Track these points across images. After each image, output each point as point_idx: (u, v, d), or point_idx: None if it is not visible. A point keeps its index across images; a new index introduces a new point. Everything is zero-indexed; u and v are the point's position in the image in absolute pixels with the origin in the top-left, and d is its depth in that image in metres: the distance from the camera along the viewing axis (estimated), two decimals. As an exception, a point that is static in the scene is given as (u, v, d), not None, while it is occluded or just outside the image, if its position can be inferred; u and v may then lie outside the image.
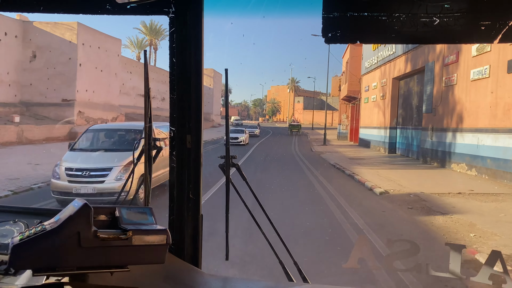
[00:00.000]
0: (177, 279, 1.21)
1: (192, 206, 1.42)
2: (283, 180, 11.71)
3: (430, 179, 12.40)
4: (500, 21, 1.02)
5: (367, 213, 7.89)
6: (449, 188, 10.61)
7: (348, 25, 1.06)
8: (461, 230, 6.80)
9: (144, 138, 1.45)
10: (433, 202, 8.81)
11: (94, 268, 0.91)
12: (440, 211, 8.01)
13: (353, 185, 11.63)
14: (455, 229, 6.86)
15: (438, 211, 8.01)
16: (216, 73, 60.30)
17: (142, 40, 52.47)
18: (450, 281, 4.22)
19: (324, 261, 4.85)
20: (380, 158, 19.23)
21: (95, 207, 0.92)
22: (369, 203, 8.92)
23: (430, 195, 9.55)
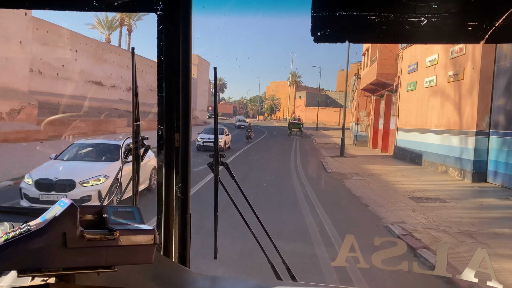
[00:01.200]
0: (165, 278, 1.22)
1: (180, 205, 1.44)
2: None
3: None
4: (487, 22, 1.06)
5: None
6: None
7: (337, 24, 1.09)
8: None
9: (131, 137, 1.45)
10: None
11: (81, 269, 0.93)
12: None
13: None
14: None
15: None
16: (201, 60, 57.51)
17: (112, 20, 45.96)
18: (437, 279, 4.28)
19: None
20: (479, 197, 10.59)
21: (82, 207, 0.95)
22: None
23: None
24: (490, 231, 6.96)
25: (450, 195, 10.05)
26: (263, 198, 9.04)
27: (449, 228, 7.08)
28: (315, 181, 12.21)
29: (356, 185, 11.05)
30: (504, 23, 1.04)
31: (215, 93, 1.81)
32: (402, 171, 14.31)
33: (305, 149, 25.68)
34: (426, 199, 9.49)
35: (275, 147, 27.64)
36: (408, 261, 1.38)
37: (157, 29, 1.37)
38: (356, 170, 14.49)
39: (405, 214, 7.94)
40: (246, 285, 1.34)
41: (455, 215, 8.10)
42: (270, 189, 10.39)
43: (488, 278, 1.31)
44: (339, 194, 10.03)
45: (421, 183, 11.91)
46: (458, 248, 5.95)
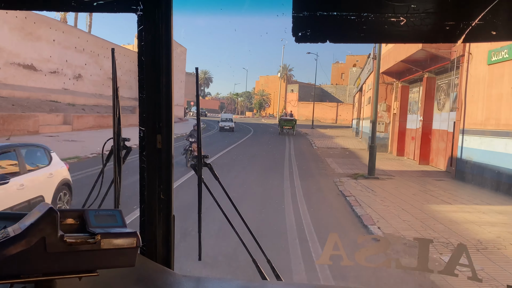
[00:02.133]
0: (148, 281, 1.27)
1: (163, 207, 1.47)
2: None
3: None
4: (464, 21, 1.11)
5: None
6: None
7: (318, 24, 1.12)
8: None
9: (112, 139, 1.49)
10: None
11: (62, 274, 0.95)
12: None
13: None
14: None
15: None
16: (176, 45, 51.33)
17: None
18: (419, 275, 4.41)
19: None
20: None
21: (62, 211, 0.98)
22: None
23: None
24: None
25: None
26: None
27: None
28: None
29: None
30: (480, 23, 1.10)
31: (197, 94, 1.61)
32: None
33: (304, 159, 19.26)
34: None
35: (263, 150, 19.23)
36: (391, 258, 1.46)
37: (137, 29, 1.40)
38: (436, 226, 7.64)
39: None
40: (231, 286, 1.37)
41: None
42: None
43: (469, 273, 1.38)
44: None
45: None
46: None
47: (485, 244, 6.65)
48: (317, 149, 24.09)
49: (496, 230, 7.43)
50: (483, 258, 6.26)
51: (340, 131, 43.27)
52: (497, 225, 7.72)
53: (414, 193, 10.91)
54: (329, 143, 28.17)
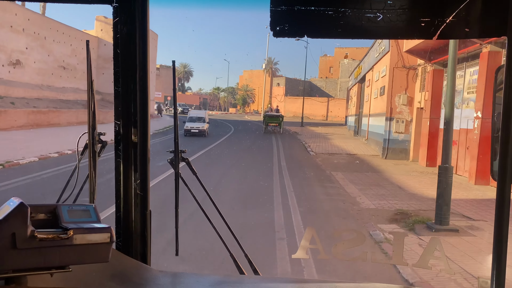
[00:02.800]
0: (124, 277, 1.28)
1: (139, 202, 1.49)
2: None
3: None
4: (438, 18, 1.15)
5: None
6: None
7: (296, 19, 1.15)
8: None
9: (87, 133, 1.50)
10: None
11: (33, 270, 0.95)
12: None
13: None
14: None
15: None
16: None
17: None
18: (395, 267, 4.25)
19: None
20: None
21: (34, 206, 0.99)
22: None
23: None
24: None
25: None
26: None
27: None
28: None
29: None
30: (454, 20, 1.13)
31: (174, 88, 1.58)
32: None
33: (303, 177, 13.37)
34: None
35: (237, 173, 14.66)
36: (367, 252, 1.47)
37: (113, 21, 1.42)
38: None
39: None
40: (208, 281, 1.38)
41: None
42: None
43: (441, 265, 1.44)
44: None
45: None
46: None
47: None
48: (315, 156, 18.45)
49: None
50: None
51: (334, 129, 40.24)
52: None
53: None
54: (328, 147, 22.87)
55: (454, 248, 6.23)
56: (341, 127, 43.17)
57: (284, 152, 20.04)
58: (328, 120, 59.77)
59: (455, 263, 5.44)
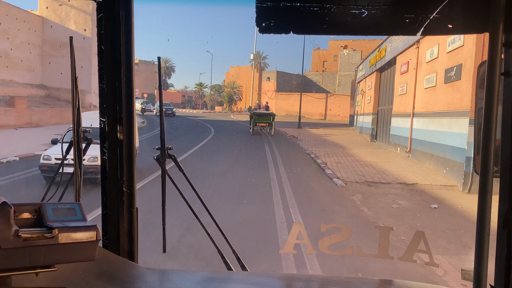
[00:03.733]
0: (111, 275, 1.28)
1: (126, 200, 1.48)
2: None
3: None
4: (422, 14, 1.16)
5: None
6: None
7: (282, 15, 1.16)
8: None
9: (72, 130, 1.45)
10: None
11: (17, 270, 0.95)
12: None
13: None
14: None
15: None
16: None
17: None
18: (380, 262, 4.34)
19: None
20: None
21: (17, 205, 0.99)
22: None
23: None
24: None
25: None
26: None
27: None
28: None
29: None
30: (438, 16, 1.15)
31: (159, 84, 1.55)
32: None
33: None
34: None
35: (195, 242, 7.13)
36: (353, 246, 1.49)
37: (97, 17, 1.40)
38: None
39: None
40: (195, 277, 1.39)
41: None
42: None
43: (426, 258, 1.45)
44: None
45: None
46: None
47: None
48: (347, 191, 10.27)
49: None
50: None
51: (340, 132, 33.15)
52: None
53: None
54: (355, 165, 14.35)
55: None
56: (346, 129, 35.42)
57: (289, 175, 11.84)
58: (327, 120, 51.88)
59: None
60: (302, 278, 1.54)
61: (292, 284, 1.41)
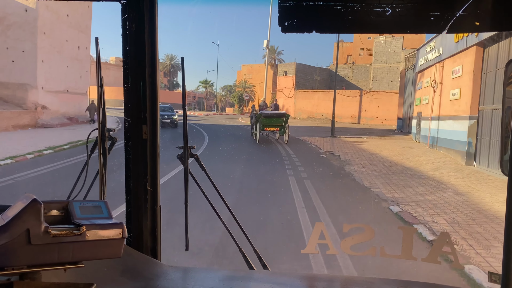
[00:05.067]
0: (135, 272, 1.30)
1: (150, 198, 1.51)
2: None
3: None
4: (448, 12, 1.15)
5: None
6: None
7: (304, 14, 1.16)
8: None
9: (97, 129, 1.52)
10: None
11: (46, 266, 0.97)
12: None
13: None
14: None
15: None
16: (75, 4, 28.39)
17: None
18: (404, 263, 4.12)
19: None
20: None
21: (46, 202, 1.01)
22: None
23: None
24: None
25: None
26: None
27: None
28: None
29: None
30: (464, 14, 1.13)
31: (183, 84, 1.62)
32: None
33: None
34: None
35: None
36: (375, 247, 1.48)
37: (121, 18, 1.43)
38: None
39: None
40: (217, 275, 1.40)
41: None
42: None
43: (451, 260, 1.43)
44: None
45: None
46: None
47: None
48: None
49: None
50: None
51: (397, 143, 21.84)
52: None
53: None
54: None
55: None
56: (400, 138, 24.92)
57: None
58: (361, 124, 39.83)
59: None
60: (324, 278, 1.55)
61: (314, 284, 1.40)
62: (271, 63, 59.28)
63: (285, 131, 19.54)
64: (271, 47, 61.30)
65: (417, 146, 21.19)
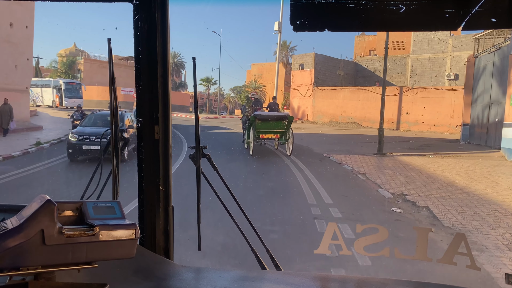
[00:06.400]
0: (148, 272, 1.30)
1: (162, 198, 1.52)
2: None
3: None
4: (463, 8, 1.12)
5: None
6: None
7: (316, 13, 1.14)
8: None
9: (110, 129, 1.53)
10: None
11: (60, 266, 0.98)
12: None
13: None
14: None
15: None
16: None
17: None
18: (418, 264, 4.23)
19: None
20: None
21: (60, 203, 1.02)
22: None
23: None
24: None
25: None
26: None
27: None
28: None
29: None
30: (480, 10, 1.10)
31: (194, 85, 1.62)
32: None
33: None
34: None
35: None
36: (389, 247, 1.46)
37: (133, 19, 1.42)
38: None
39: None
40: (230, 276, 1.39)
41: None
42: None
43: (467, 261, 1.38)
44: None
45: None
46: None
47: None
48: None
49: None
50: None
51: (491, 165, 14.14)
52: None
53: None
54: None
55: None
56: (480, 155, 16.25)
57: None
58: (401, 129, 29.82)
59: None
60: (337, 279, 1.56)
61: (327, 285, 1.40)
62: (283, 60, 51.79)
63: (288, 138, 14.32)
64: (283, 42, 53.26)
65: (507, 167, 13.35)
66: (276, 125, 14.34)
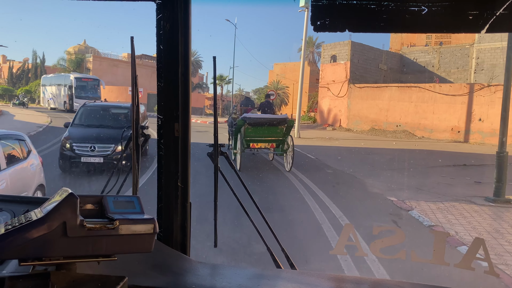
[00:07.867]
0: (165, 266, 1.36)
1: (180, 194, 1.57)
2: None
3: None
4: (488, 10, 1.13)
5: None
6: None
7: (337, 13, 1.16)
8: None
9: (131, 126, 1.57)
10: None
11: (81, 257, 1.02)
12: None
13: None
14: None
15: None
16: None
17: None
18: (435, 268, 3.97)
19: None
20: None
21: (82, 196, 1.05)
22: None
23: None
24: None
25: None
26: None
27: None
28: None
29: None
30: (505, 12, 1.11)
31: (214, 84, 1.65)
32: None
33: None
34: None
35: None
36: (406, 250, 1.47)
37: (156, 18, 1.47)
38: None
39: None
40: (245, 273, 1.43)
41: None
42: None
43: (485, 267, 1.40)
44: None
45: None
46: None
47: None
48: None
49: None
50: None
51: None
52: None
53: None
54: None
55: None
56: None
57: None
58: (471, 141, 22.15)
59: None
60: (352, 280, 1.58)
61: (341, 285, 1.41)
62: (308, 58, 45.98)
63: (286, 149, 11.39)
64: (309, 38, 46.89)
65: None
66: (271, 132, 11.43)
